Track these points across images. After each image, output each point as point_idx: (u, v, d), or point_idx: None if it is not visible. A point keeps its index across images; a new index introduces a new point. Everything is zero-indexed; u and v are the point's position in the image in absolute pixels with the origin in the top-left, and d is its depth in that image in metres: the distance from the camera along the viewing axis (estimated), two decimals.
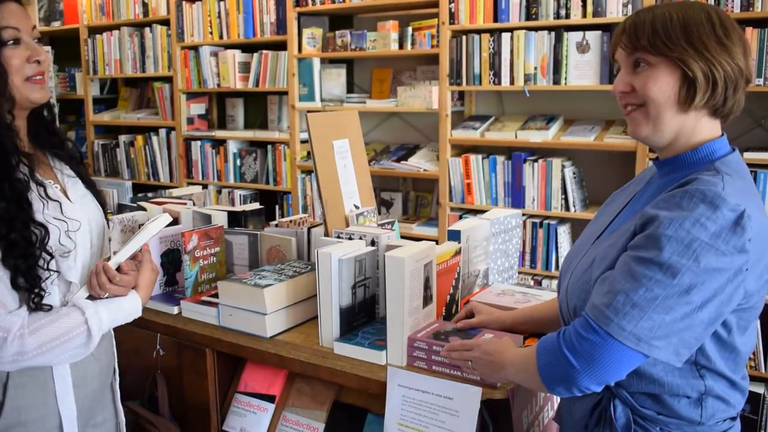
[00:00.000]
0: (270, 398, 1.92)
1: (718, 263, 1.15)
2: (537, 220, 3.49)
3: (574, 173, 3.43)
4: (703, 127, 1.28)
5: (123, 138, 5.02)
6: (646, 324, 1.16)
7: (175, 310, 2.00)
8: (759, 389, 3.06)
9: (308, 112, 2.11)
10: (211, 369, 1.95)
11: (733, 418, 1.35)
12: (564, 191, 3.41)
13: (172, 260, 2.13)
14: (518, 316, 1.72)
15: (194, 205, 2.49)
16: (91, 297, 1.56)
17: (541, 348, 1.29)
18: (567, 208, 3.42)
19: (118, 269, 1.58)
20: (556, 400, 1.83)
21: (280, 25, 4.12)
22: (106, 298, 1.56)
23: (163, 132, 4.80)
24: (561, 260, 3.46)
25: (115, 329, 1.66)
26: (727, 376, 1.28)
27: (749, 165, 2.94)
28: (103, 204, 1.72)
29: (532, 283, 3.48)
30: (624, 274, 1.19)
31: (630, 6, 3.13)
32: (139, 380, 2.06)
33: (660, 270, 1.15)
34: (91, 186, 1.71)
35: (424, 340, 1.61)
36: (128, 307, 1.58)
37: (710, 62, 1.22)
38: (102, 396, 1.70)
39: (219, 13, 4.35)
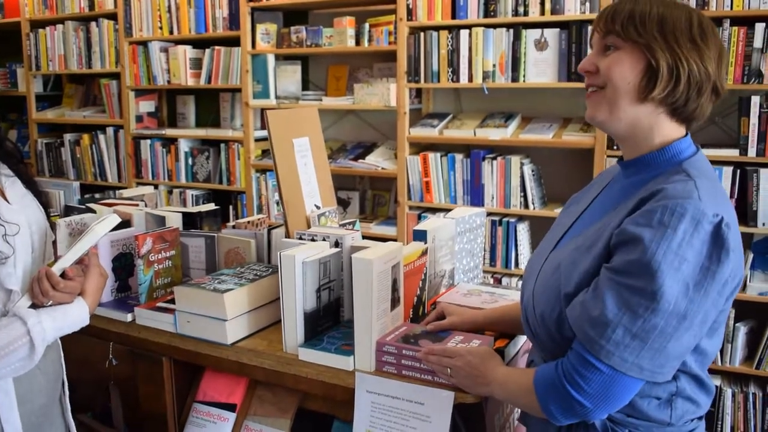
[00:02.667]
0: (231, 407, 1.85)
1: (708, 281, 1.14)
2: (496, 218, 3.48)
3: (532, 171, 3.42)
4: (664, 126, 1.26)
5: (68, 137, 4.84)
6: (648, 354, 1.15)
7: (129, 317, 1.91)
8: (716, 382, 3.10)
9: (263, 109, 2.04)
10: (167, 378, 1.87)
11: (700, 418, 1.34)
12: (523, 189, 3.40)
13: (124, 265, 2.03)
14: (491, 316, 1.68)
15: (146, 206, 2.40)
16: (33, 305, 1.47)
17: (541, 383, 1.26)
18: (526, 206, 3.41)
19: (63, 275, 1.49)
20: None
21: (233, 21, 4.02)
22: (50, 306, 1.47)
23: (110, 130, 4.65)
24: (521, 258, 3.45)
25: (64, 339, 1.58)
26: (697, 375, 1.27)
27: None
28: (45, 205, 1.63)
29: (492, 281, 3.47)
30: (618, 304, 1.15)
31: (588, 4, 3.14)
32: (91, 392, 1.97)
33: (655, 299, 1.12)
34: (31, 186, 1.61)
35: (393, 344, 1.56)
36: (74, 315, 1.50)
37: (678, 57, 1.20)
38: (50, 411, 1.60)
39: (169, 7, 4.22)
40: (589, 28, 3.12)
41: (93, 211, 2.26)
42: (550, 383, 1.23)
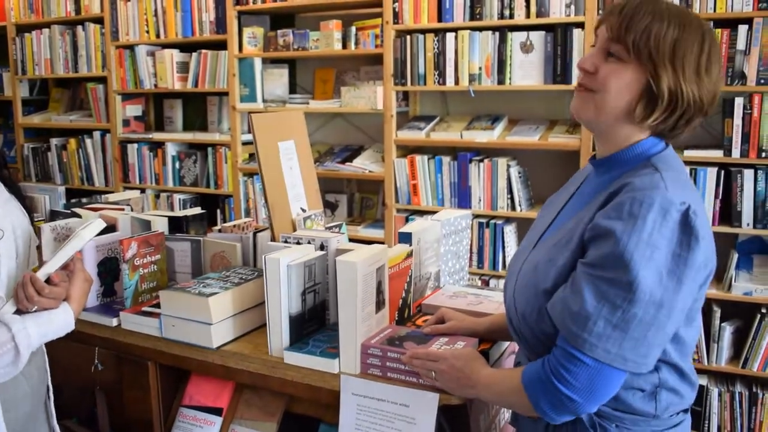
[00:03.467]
0: (217, 411, 1.85)
1: (681, 268, 1.15)
2: (483, 220, 3.49)
3: (519, 173, 3.43)
4: (641, 136, 1.28)
5: (55, 141, 4.81)
6: (629, 344, 1.16)
7: (114, 322, 1.90)
8: (702, 381, 3.12)
9: (250, 113, 2.04)
10: (153, 383, 1.86)
11: (685, 411, 1.36)
12: (510, 191, 3.41)
13: (109, 269, 2.02)
14: (491, 327, 1.66)
15: (132, 210, 2.39)
16: (18, 311, 1.46)
17: (529, 381, 1.26)
18: (513, 208, 3.42)
19: (48, 280, 1.48)
20: None
21: (220, 24, 4.01)
22: (35, 311, 1.46)
23: (97, 135, 4.63)
24: (508, 260, 3.46)
25: (49, 344, 1.57)
26: (678, 366, 1.28)
27: (689, 163, 3.02)
28: (29, 210, 1.62)
29: (480, 283, 3.47)
30: (596, 297, 1.16)
31: (573, 6, 3.15)
32: (77, 397, 1.96)
33: (631, 290, 1.14)
34: (15, 191, 1.60)
35: (378, 347, 1.57)
36: (59, 321, 1.49)
37: (680, 86, 1.20)
38: (35, 417, 1.60)
39: (156, 11, 4.21)
40: (575, 30, 3.15)
41: (78, 216, 2.26)
42: (538, 381, 1.24)
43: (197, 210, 2.35)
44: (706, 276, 1.22)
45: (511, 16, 3.27)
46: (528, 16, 3.24)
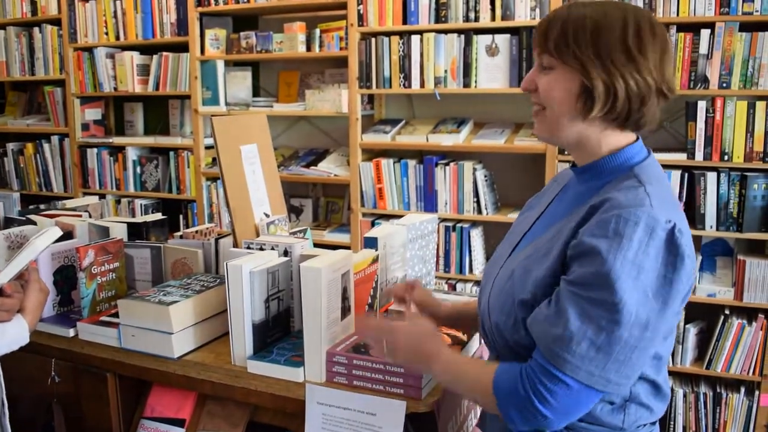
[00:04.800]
0: (179, 422, 1.80)
1: (667, 289, 1.13)
2: (450, 224, 3.48)
3: (485, 176, 3.43)
4: (612, 136, 1.25)
5: (11, 146, 4.69)
6: (614, 366, 1.13)
7: (71, 332, 1.84)
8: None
9: (212, 116, 2.00)
10: (113, 395, 1.80)
11: (653, 423, 1.33)
12: (476, 194, 3.41)
13: (66, 278, 1.96)
14: (456, 311, 1.65)
15: (90, 216, 2.33)
16: None
17: (503, 387, 1.21)
18: (479, 212, 3.42)
19: (0, 292, 1.42)
20: (479, 408, 1.79)
21: (181, 26, 3.95)
22: None
23: (55, 139, 4.52)
24: (475, 263, 3.46)
25: (3, 356, 1.50)
26: (651, 379, 1.26)
27: None
28: None
29: (446, 287, 3.46)
30: (580, 318, 1.13)
31: (538, 10, 3.16)
32: (33, 411, 1.89)
33: (616, 311, 1.11)
34: None
35: (344, 354, 1.54)
36: (13, 334, 1.43)
37: (612, 75, 1.17)
38: None
39: (115, 12, 4.13)
40: None
41: (34, 223, 2.19)
42: (514, 391, 1.19)
43: (158, 216, 2.29)
44: (685, 294, 1.20)
45: (477, 19, 3.27)
46: (493, 19, 3.24)
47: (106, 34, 4.18)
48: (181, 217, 4.21)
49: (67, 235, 2.04)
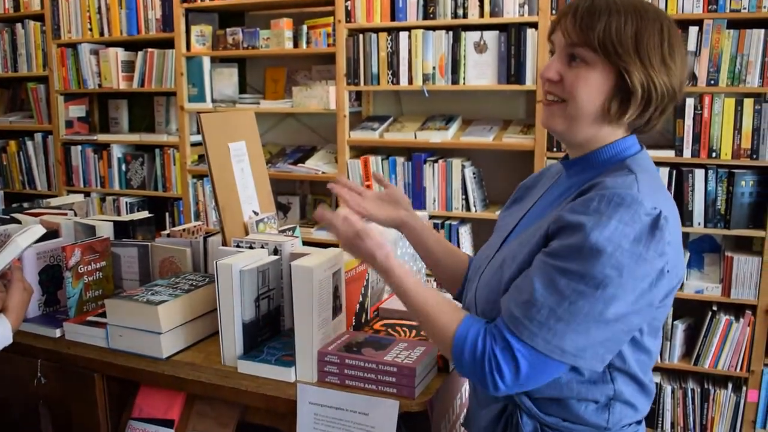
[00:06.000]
0: (168, 423, 1.77)
1: (640, 270, 1.10)
2: (438, 221, 3.47)
3: (473, 173, 3.42)
4: (616, 136, 1.25)
5: None
6: (571, 337, 1.11)
7: (58, 332, 1.81)
8: (656, 379, 3.15)
9: (199, 113, 1.97)
10: (100, 396, 1.78)
11: (639, 422, 1.32)
12: (464, 191, 3.40)
13: (52, 277, 1.93)
14: (421, 228, 1.62)
15: (75, 215, 2.30)
16: None
17: (461, 342, 1.19)
18: (468, 209, 3.41)
19: None
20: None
21: (167, 22, 3.91)
22: None
23: (39, 136, 4.47)
24: None
25: None
26: (637, 378, 1.25)
27: None
28: None
29: (436, 285, 3.45)
30: (547, 286, 1.12)
31: (526, 6, 3.15)
32: (19, 413, 1.87)
33: (583, 282, 1.10)
34: None
35: (336, 354, 1.52)
36: None
37: (651, 79, 1.15)
38: None
39: (99, 8, 4.09)
40: (528, 30, 3.15)
41: (18, 222, 2.16)
42: (471, 351, 1.17)
43: (145, 214, 2.26)
44: (672, 287, 1.18)
45: (465, 16, 3.26)
46: (482, 15, 3.23)
47: (90, 29, 4.14)
48: (167, 215, 4.18)
49: (53, 234, 2.01)
